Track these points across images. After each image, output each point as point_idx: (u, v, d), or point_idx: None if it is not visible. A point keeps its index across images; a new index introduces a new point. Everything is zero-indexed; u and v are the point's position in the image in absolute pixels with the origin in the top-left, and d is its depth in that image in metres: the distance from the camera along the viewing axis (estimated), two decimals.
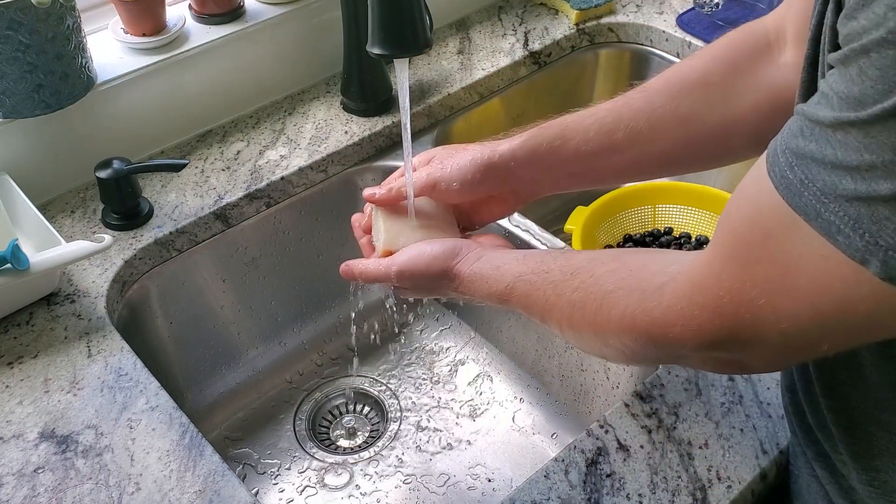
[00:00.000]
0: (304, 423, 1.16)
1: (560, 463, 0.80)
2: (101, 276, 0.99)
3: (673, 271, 0.61)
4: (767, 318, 0.52)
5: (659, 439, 0.81)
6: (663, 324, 0.60)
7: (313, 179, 1.15)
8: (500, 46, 1.35)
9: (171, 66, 1.12)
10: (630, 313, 0.62)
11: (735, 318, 0.54)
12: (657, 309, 0.60)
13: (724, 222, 0.56)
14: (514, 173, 0.84)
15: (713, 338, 0.56)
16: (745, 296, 0.53)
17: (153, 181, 1.11)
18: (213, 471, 0.80)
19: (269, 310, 1.20)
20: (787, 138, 0.49)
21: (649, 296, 0.61)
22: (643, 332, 0.62)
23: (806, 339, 0.53)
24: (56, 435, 0.83)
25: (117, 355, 0.90)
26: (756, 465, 0.79)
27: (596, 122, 0.82)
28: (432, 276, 0.80)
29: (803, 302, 0.50)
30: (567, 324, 0.70)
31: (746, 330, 0.54)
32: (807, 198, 0.47)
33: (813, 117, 0.47)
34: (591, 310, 0.67)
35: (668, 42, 1.37)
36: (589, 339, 0.69)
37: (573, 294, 0.69)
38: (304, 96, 1.26)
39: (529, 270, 0.74)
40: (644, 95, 0.82)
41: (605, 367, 1.09)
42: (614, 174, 0.85)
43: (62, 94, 1.01)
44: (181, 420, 0.84)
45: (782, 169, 0.49)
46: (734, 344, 0.56)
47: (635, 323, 0.62)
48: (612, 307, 0.64)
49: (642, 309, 0.61)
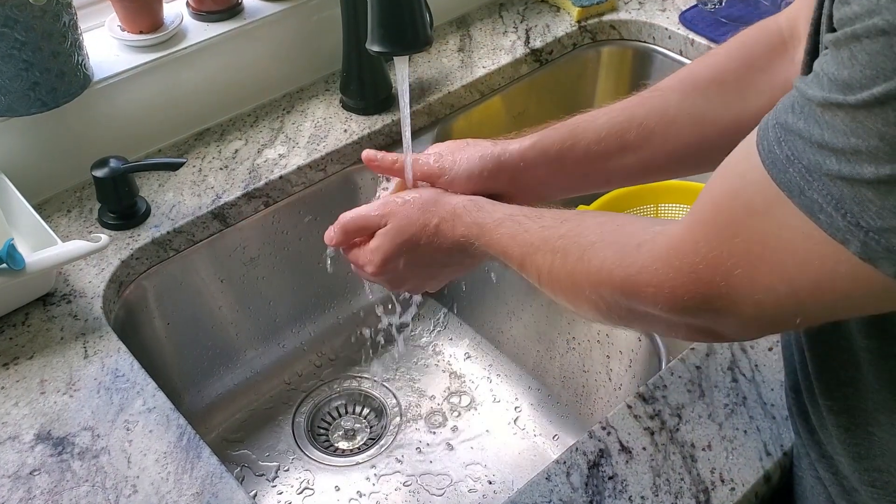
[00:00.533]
0: (302, 425, 1.16)
1: (561, 465, 0.80)
2: (98, 276, 0.99)
3: (654, 231, 0.62)
4: (742, 289, 0.53)
5: (662, 441, 0.81)
6: (637, 282, 0.60)
7: (312, 178, 1.15)
8: (501, 44, 1.35)
9: (169, 64, 1.12)
10: (607, 266, 0.63)
11: (710, 286, 0.55)
12: (633, 266, 0.61)
13: (707, 191, 0.57)
14: (524, 173, 0.84)
15: (685, 303, 0.57)
16: (721, 265, 0.54)
17: (150, 180, 1.11)
18: (211, 473, 0.80)
19: (268, 310, 1.20)
20: (779, 112, 0.50)
21: (628, 252, 0.62)
22: (617, 287, 0.62)
23: (780, 313, 0.53)
24: (52, 437, 0.83)
25: (114, 356, 0.90)
26: (760, 467, 0.79)
27: (608, 121, 0.82)
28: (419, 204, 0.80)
29: (780, 276, 0.51)
30: (547, 272, 0.70)
31: (720, 299, 0.55)
32: (791, 174, 0.48)
33: (805, 94, 0.48)
34: (572, 258, 0.67)
35: (671, 39, 1.37)
36: (566, 288, 0.69)
37: (558, 241, 0.69)
38: (302, 94, 1.26)
39: (522, 213, 0.75)
40: (657, 95, 0.82)
41: (607, 368, 1.09)
42: (626, 175, 0.85)
43: (58, 93, 1.00)
44: (178, 422, 0.84)
45: (770, 143, 0.50)
46: (706, 311, 0.56)
47: (611, 276, 0.63)
48: (593, 258, 0.65)
49: (619, 264, 0.62)
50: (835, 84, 0.45)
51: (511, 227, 0.75)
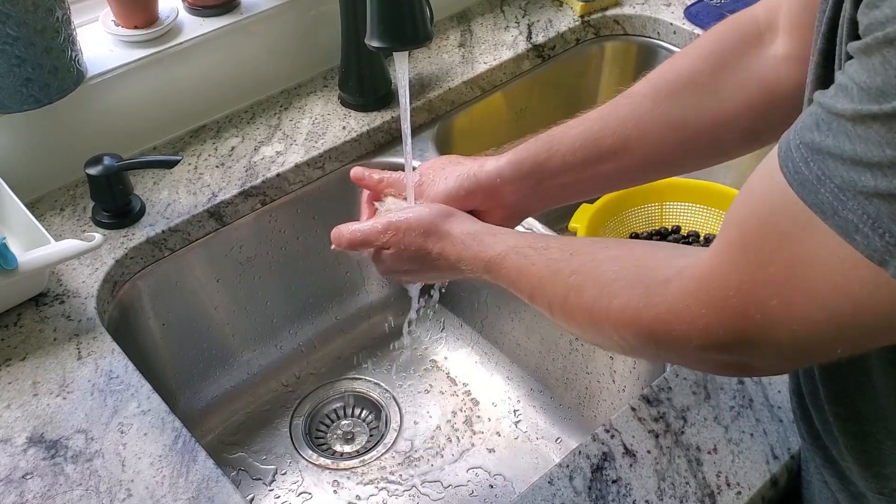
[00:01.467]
0: (300, 428, 1.16)
1: (564, 468, 0.80)
2: (92, 276, 0.99)
3: (680, 266, 0.60)
4: (778, 320, 0.52)
5: (666, 444, 0.81)
6: (667, 321, 0.59)
7: (310, 176, 1.15)
8: (502, 39, 1.35)
9: (164, 60, 1.12)
10: (633, 307, 0.61)
11: (744, 319, 0.53)
12: (661, 304, 0.59)
13: (732, 219, 0.55)
14: (500, 190, 0.84)
15: (720, 338, 0.56)
16: (754, 296, 0.52)
17: (145, 178, 1.11)
18: (207, 477, 0.80)
19: (265, 311, 1.20)
20: (801, 132, 0.49)
21: (654, 290, 0.60)
22: (645, 328, 0.61)
23: (818, 342, 0.52)
24: (45, 440, 0.83)
25: (108, 357, 0.90)
26: (766, 470, 0.79)
27: (583, 131, 0.82)
28: (421, 230, 0.80)
29: (817, 303, 0.49)
30: (560, 306, 0.69)
31: (755, 331, 0.53)
32: (823, 194, 0.46)
33: (831, 109, 0.46)
34: (589, 296, 0.66)
35: (676, 35, 1.37)
36: (583, 325, 0.68)
37: (571, 276, 0.68)
38: (300, 90, 1.25)
39: (527, 244, 0.74)
40: (630, 101, 0.81)
41: (610, 370, 1.08)
42: (604, 183, 0.85)
43: (51, 89, 1.00)
44: (174, 424, 0.84)
45: (796, 164, 0.48)
46: (741, 345, 0.55)
47: (638, 318, 0.61)
48: (614, 297, 0.63)
49: (646, 304, 0.60)
50: (867, 93, 0.44)
51: (516, 261, 0.73)
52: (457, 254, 0.79)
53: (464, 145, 1.29)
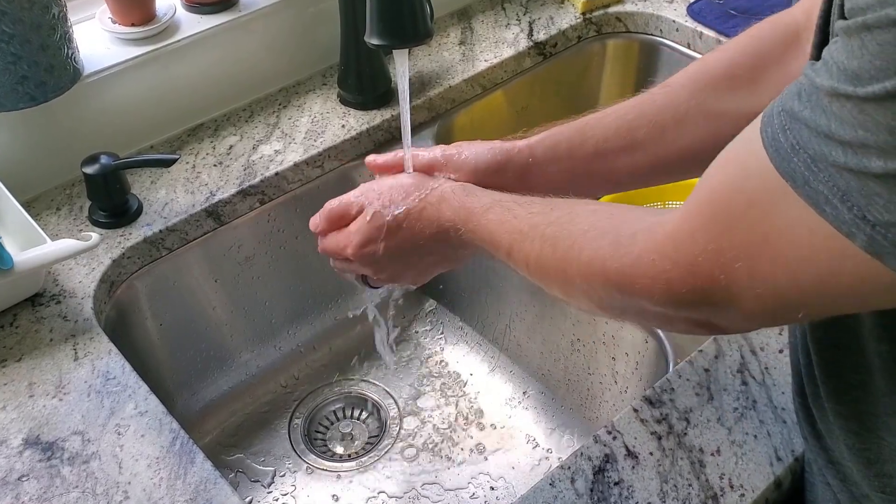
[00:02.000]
0: (299, 429, 1.16)
1: (566, 470, 0.80)
2: (88, 275, 0.99)
3: (650, 221, 0.61)
4: (743, 283, 0.53)
5: (669, 446, 0.81)
6: (632, 273, 0.60)
7: (309, 175, 1.15)
8: (503, 37, 1.35)
9: (161, 58, 1.12)
10: (600, 256, 0.63)
11: (709, 279, 0.54)
12: (627, 256, 0.60)
13: (706, 180, 0.56)
14: (531, 170, 0.84)
15: (683, 296, 0.57)
16: (721, 257, 0.53)
17: (142, 177, 1.11)
18: (205, 478, 0.80)
19: (263, 311, 1.20)
20: (785, 99, 0.50)
21: (621, 242, 0.61)
22: (610, 279, 0.62)
23: (782, 306, 0.53)
24: (41, 441, 0.83)
25: (105, 358, 0.90)
26: (770, 472, 0.79)
27: (617, 118, 0.82)
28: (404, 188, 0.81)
29: (783, 270, 0.50)
30: (535, 260, 0.70)
31: (720, 292, 0.54)
32: (796, 163, 0.47)
33: (813, 82, 0.47)
34: (562, 247, 0.67)
35: (679, 32, 1.37)
36: (556, 278, 0.69)
37: (547, 228, 0.69)
38: (299, 88, 1.25)
39: (512, 199, 0.75)
40: (668, 91, 0.81)
41: (612, 370, 1.08)
42: (636, 174, 0.85)
43: (47, 87, 1.00)
44: (171, 426, 0.84)
45: (775, 130, 0.49)
46: (705, 305, 0.56)
47: (604, 267, 0.62)
48: (584, 248, 0.64)
49: (613, 254, 0.62)
50: (844, 74, 0.45)
51: (499, 213, 0.74)
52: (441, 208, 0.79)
53: None
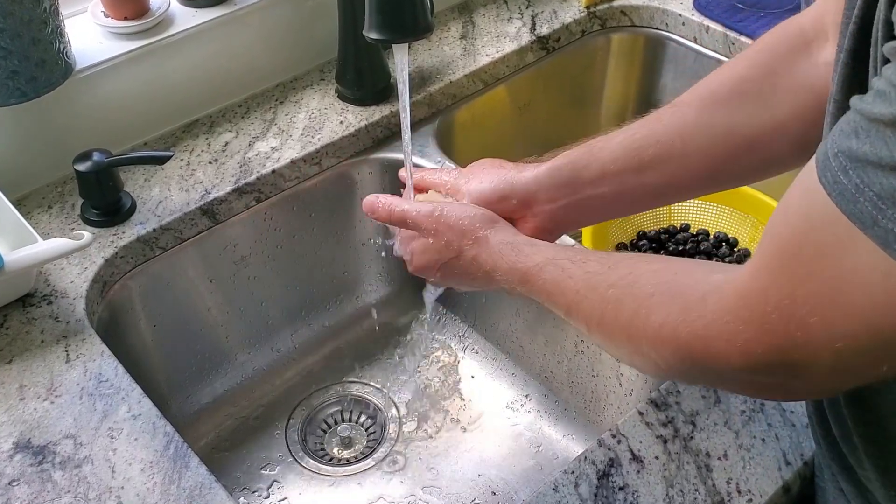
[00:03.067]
0: (296, 433, 1.16)
1: (569, 475, 0.80)
2: (81, 275, 0.99)
3: (717, 281, 0.60)
4: (819, 338, 0.51)
5: (675, 450, 0.81)
6: (705, 338, 0.58)
7: (306, 173, 1.15)
8: (505, 31, 1.34)
9: (155, 52, 1.12)
10: (670, 323, 0.61)
11: (784, 337, 0.53)
12: (699, 321, 0.59)
13: (771, 233, 0.55)
14: (535, 197, 0.84)
15: (760, 357, 0.55)
16: (794, 312, 0.52)
17: (136, 175, 1.11)
18: (200, 483, 0.80)
19: (260, 312, 1.20)
20: (838, 140, 0.48)
21: (691, 306, 0.60)
22: (683, 346, 0.60)
23: (862, 361, 0.52)
24: (32, 445, 0.83)
25: (97, 360, 0.90)
26: (779, 477, 0.79)
27: (624, 140, 0.82)
28: (459, 230, 0.81)
29: (859, 320, 0.49)
30: (597, 323, 0.69)
31: (796, 350, 0.53)
32: (863, 204, 0.46)
33: (869, 115, 0.46)
34: (627, 312, 0.65)
35: (685, 26, 1.36)
36: (620, 343, 0.68)
37: (609, 290, 0.68)
38: (296, 84, 1.25)
39: (565, 256, 0.74)
40: (675, 110, 0.81)
41: (617, 373, 1.08)
42: (647, 196, 0.85)
43: (38, 82, 1.00)
44: (165, 429, 0.84)
45: (835, 173, 0.48)
46: (783, 365, 0.55)
47: (676, 334, 0.61)
48: (652, 313, 0.63)
49: (683, 320, 0.60)
50: None
51: (553, 273, 0.74)
52: (492, 262, 0.79)
53: (465, 140, 1.29)
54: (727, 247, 1.30)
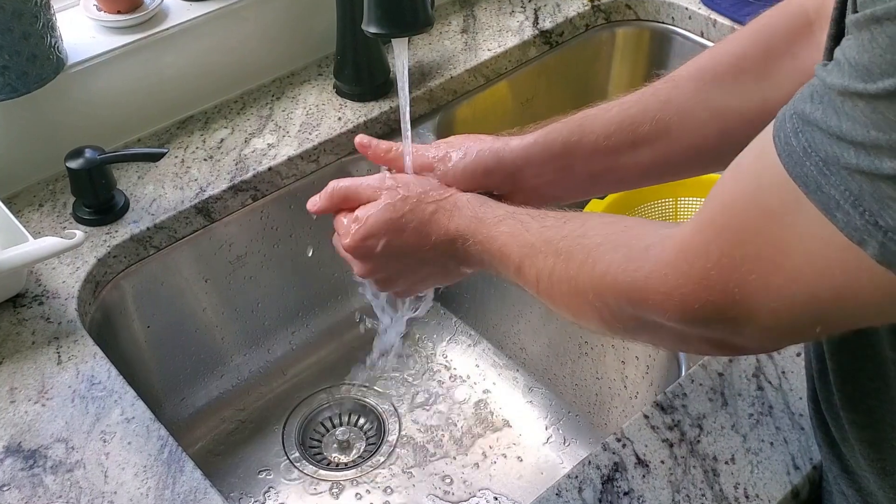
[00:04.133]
0: (293, 436, 1.16)
1: (573, 480, 0.80)
2: (72, 275, 0.99)
3: (663, 234, 0.61)
4: (758, 297, 0.53)
5: (681, 454, 0.81)
6: (644, 288, 0.60)
7: (304, 170, 1.15)
8: (507, 25, 1.34)
9: (149, 47, 1.12)
10: (612, 270, 0.63)
11: (723, 294, 0.54)
12: (640, 271, 0.60)
13: (719, 190, 0.56)
14: (524, 171, 0.83)
15: (696, 312, 0.57)
16: (734, 271, 0.53)
17: (129, 172, 1.11)
18: (195, 488, 0.80)
19: (256, 312, 1.20)
20: (797, 102, 0.50)
21: (634, 255, 0.62)
22: (623, 293, 0.62)
23: (798, 321, 0.53)
24: (23, 449, 0.83)
25: (90, 362, 0.90)
26: (787, 481, 0.79)
27: (618, 114, 0.81)
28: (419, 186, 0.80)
29: (798, 283, 0.51)
30: (547, 275, 0.70)
31: (734, 307, 0.54)
32: (808, 167, 0.47)
33: (825, 82, 0.47)
34: (575, 262, 0.67)
35: (692, 20, 1.36)
36: (566, 294, 0.69)
37: (560, 242, 0.69)
38: (293, 79, 1.25)
39: (525, 211, 0.75)
40: (672, 85, 0.81)
41: (622, 375, 1.08)
42: (639, 173, 0.84)
43: (29, 77, 1.00)
44: (159, 433, 0.84)
45: (787, 134, 0.49)
46: (719, 321, 0.56)
47: (616, 281, 0.62)
48: (598, 262, 0.65)
49: (625, 268, 0.62)
50: (855, 70, 0.45)
51: (512, 226, 0.74)
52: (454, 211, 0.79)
53: None
54: None
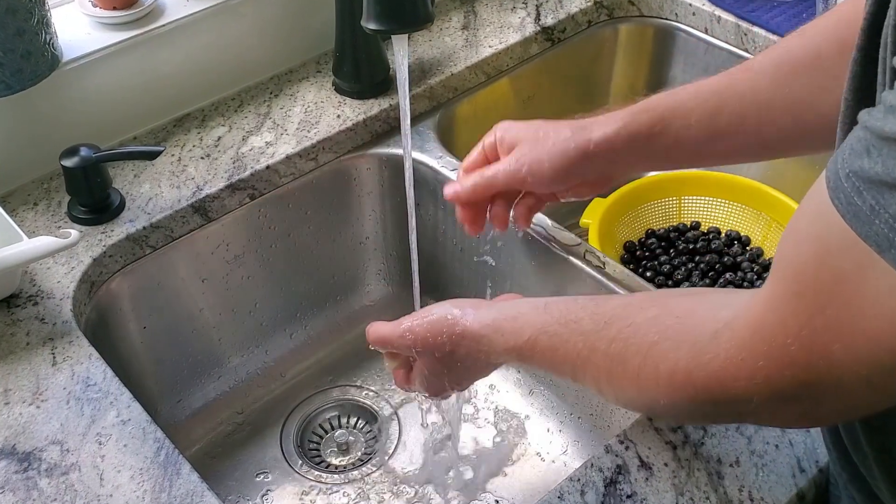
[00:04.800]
0: (291, 439, 1.16)
1: (575, 483, 0.79)
2: (68, 275, 0.99)
3: (726, 317, 0.59)
4: (843, 364, 0.51)
5: (685, 456, 0.81)
6: (723, 378, 0.58)
7: (302, 168, 1.15)
8: (509, 21, 1.34)
9: (145, 43, 1.12)
10: (683, 368, 0.61)
11: (807, 367, 0.53)
12: (714, 361, 0.58)
13: (784, 260, 0.55)
14: (612, 162, 0.84)
15: (783, 390, 0.55)
16: (815, 341, 0.52)
17: (125, 170, 1.11)
18: (191, 491, 0.80)
19: (254, 313, 1.20)
20: (849, 159, 0.48)
21: (703, 347, 0.59)
22: (701, 389, 0.60)
23: (888, 382, 0.51)
24: (17, 451, 0.83)
25: (85, 363, 0.90)
26: (793, 484, 0.79)
27: (698, 105, 0.82)
28: (439, 340, 0.80)
29: (882, 346, 0.49)
30: (606, 380, 0.68)
31: (820, 379, 0.53)
32: (878, 226, 0.46)
33: (880, 133, 0.46)
34: (633, 365, 0.65)
35: (696, 16, 1.36)
36: (633, 397, 0.68)
37: (610, 346, 0.67)
38: (292, 76, 1.25)
39: (554, 321, 0.73)
40: (750, 76, 0.81)
41: None
42: (718, 159, 0.88)
43: (24, 74, 1.00)
44: (156, 435, 0.84)
45: (848, 195, 0.47)
46: (808, 395, 0.55)
47: (690, 379, 0.60)
48: (660, 361, 0.62)
49: (697, 363, 0.60)
50: None
51: (548, 343, 0.73)
52: (484, 351, 0.79)
53: (467, 135, 1.29)
54: (739, 245, 1.30)
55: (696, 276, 1.26)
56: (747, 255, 1.28)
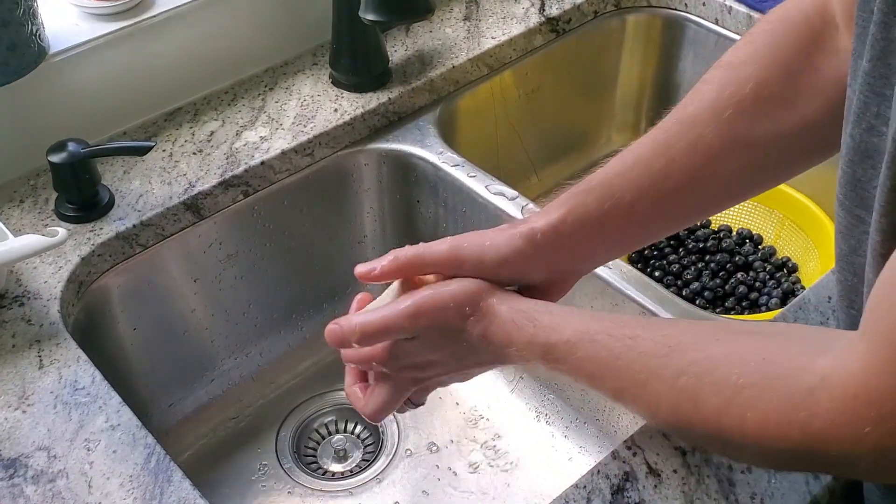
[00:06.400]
0: (287, 444, 1.16)
1: (581, 490, 0.79)
2: (55, 275, 0.99)
3: (822, 370, 0.57)
4: None
5: (695, 463, 0.81)
6: (824, 440, 0.56)
7: (298, 164, 1.15)
8: (512, 12, 1.34)
9: (135, 34, 1.12)
10: (775, 420, 0.59)
11: None
12: (814, 422, 0.57)
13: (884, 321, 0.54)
14: (562, 252, 0.77)
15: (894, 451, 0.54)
16: None
17: (114, 166, 1.11)
18: (183, 499, 0.80)
19: (248, 314, 1.20)
20: None
21: (798, 403, 0.57)
22: (798, 446, 0.58)
23: None
24: (2, 458, 0.83)
25: (73, 366, 0.90)
26: (806, 491, 0.79)
27: (644, 170, 0.77)
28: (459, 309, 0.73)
29: None
30: (668, 413, 0.65)
31: None
32: None
33: None
34: (710, 406, 0.62)
35: (706, 6, 1.36)
36: (704, 435, 0.65)
37: (678, 379, 0.63)
38: (287, 69, 1.25)
39: (603, 330, 0.68)
40: (688, 127, 0.77)
41: None
42: (670, 224, 0.83)
43: (9, 67, 1.00)
44: (146, 440, 0.84)
45: None
46: None
47: (786, 435, 0.58)
48: (747, 409, 0.60)
49: (793, 420, 0.58)
50: None
51: (593, 353, 0.68)
52: (506, 335, 0.72)
53: (469, 129, 1.29)
54: (751, 244, 1.30)
55: (706, 277, 1.26)
56: (759, 255, 1.28)
